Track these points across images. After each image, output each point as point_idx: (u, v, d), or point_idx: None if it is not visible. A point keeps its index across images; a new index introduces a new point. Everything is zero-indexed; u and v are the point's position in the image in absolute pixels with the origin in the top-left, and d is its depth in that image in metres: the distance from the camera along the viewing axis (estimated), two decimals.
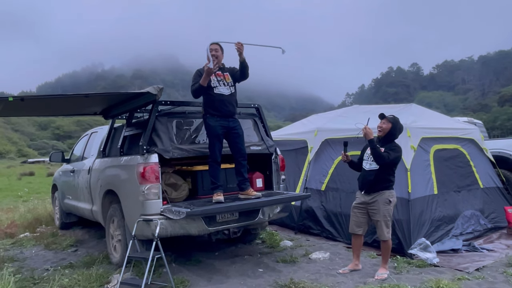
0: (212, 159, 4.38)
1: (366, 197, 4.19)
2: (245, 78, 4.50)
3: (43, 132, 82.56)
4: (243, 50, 4.28)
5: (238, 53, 4.30)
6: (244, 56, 4.33)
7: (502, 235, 5.73)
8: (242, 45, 4.26)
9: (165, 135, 4.37)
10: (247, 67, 4.41)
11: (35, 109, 5.35)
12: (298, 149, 6.71)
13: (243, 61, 4.37)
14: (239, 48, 4.26)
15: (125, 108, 4.94)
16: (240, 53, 4.30)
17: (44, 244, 6.12)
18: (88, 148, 6.25)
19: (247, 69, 4.42)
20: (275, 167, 5.14)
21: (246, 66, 4.41)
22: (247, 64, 4.40)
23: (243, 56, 4.33)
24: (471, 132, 6.45)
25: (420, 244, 4.70)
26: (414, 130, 5.36)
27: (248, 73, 4.47)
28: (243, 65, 4.40)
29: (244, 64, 4.39)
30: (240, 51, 4.28)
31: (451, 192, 5.60)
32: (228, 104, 4.41)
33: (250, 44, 4.35)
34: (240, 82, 4.59)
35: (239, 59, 4.36)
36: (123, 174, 4.54)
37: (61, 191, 7.11)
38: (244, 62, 4.38)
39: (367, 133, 4.05)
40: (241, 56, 4.32)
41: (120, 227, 4.62)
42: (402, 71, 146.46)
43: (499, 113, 67.17)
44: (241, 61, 4.37)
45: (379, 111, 4.45)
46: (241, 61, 4.36)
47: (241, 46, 4.26)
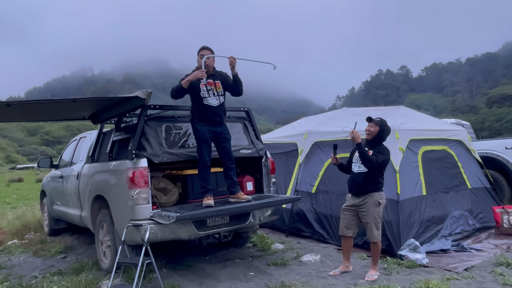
0: (202, 163, 4.37)
1: (356, 199, 4.21)
2: (239, 94, 4.50)
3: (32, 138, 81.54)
4: (235, 64, 4.29)
5: (231, 67, 4.31)
6: (236, 71, 4.35)
7: (491, 235, 5.80)
8: (235, 59, 4.27)
9: (154, 139, 4.35)
10: (240, 82, 4.43)
11: (23, 115, 5.30)
12: (288, 152, 6.73)
13: (236, 75, 4.38)
14: (232, 62, 4.27)
15: (113, 112, 4.91)
16: (232, 67, 4.31)
17: (33, 251, 6.04)
18: (76, 154, 6.20)
19: (240, 84, 4.44)
20: (265, 170, 5.15)
21: (239, 81, 4.42)
22: (240, 79, 4.42)
23: (235, 71, 4.34)
24: (458, 133, 6.54)
25: (409, 245, 4.74)
26: (403, 132, 5.42)
27: (242, 89, 4.47)
28: (236, 80, 4.41)
29: (237, 79, 4.40)
30: (233, 65, 4.29)
31: (439, 193, 5.65)
32: (216, 115, 4.40)
33: (242, 59, 4.39)
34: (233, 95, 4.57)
35: (231, 73, 4.37)
36: (112, 179, 4.50)
37: (49, 197, 7.04)
38: (237, 77, 4.40)
39: (354, 137, 4.09)
40: (233, 70, 4.34)
41: (109, 233, 4.58)
42: (392, 74, 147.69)
43: (487, 114, 68.00)
44: (234, 75, 4.38)
45: (368, 113, 4.49)
46: (234, 75, 4.38)
47: (234, 60, 4.27)
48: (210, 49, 4.40)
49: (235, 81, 4.42)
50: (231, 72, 4.37)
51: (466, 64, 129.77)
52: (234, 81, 4.42)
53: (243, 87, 4.48)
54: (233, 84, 4.45)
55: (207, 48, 4.39)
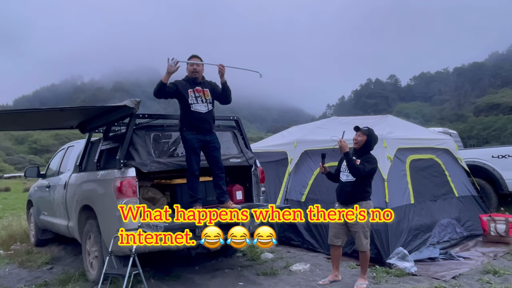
0: (190, 172, 4.35)
1: (344, 208, 4.23)
2: (228, 102, 4.53)
3: (19, 147, 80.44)
4: (224, 72, 4.33)
5: (220, 75, 4.34)
6: (225, 78, 4.38)
7: (478, 243, 5.86)
8: (224, 67, 4.31)
9: (142, 148, 4.33)
10: (229, 90, 4.46)
11: (10, 124, 5.24)
12: (278, 161, 6.74)
13: (225, 83, 4.41)
14: (221, 69, 4.30)
15: (102, 121, 4.88)
16: (221, 75, 4.34)
17: (19, 262, 5.94)
18: (64, 163, 6.13)
19: (229, 92, 4.47)
20: (254, 179, 5.14)
21: (228, 89, 4.45)
22: (228, 87, 4.45)
23: (225, 78, 4.38)
24: (445, 142, 6.63)
25: (398, 254, 4.76)
26: (390, 140, 5.47)
27: (231, 97, 4.51)
28: (225, 88, 4.44)
29: (226, 87, 4.44)
30: (222, 72, 4.32)
31: (427, 201, 5.70)
32: (204, 122, 4.39)
33: (231, 67, 4.42)
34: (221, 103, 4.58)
35: (220, 81, 4.40)
36: (99, 189, 4.46)
37: (36, 207, 6.93)
38: (226, 84, 4.43)
39: (342, 146, 4.12)
40: (222, 78, 4.37)
41: (96, 243, 4.52)
42: (381, 83, 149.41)
43: (474, 123, 69.00)
44: (223, 83, 4.41)
45: (356, 122, 4.54)
46: (223, 82, 4.41)
47: (223, 68, 4.30)
48: (200, 57, 4.44)
49: (224, 89, 4.44)
50: (220, 80, 4.39)
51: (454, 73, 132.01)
52: (223, 89, 4.45)
53: (231, 95, 4.51)
54: (222, 92, 4.48)
55: (196, 56, 4.43)
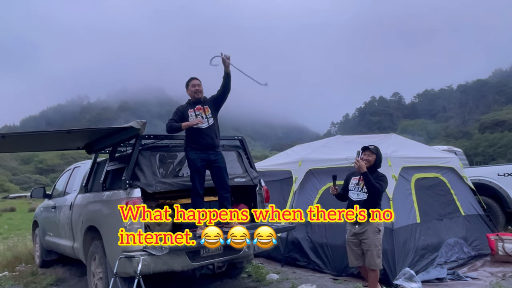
0: (194, 192, 4.38)
1: (356, 227, 4.20)
2: (227, 90, 4.56)
3: (25, 166, 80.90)
4: (229, 64, 4.37)
5: (225, 65, 4.38)
6: (229, 69, 4.42)
7: (486, 263, 5.78)
8: (229, 58, 4.36)
9: (148, 169, 4.36)
10: (229, 78, 4.49)
11: (18, 146, 5.31)
12: (283, 180, 6.75)
13: (229, 73, 4.45)
14: (225, 60, 4.34)
15: (108, 142, 4.94)
16: (227, 66, 4.38)
17: (23, 283, 5.92)
18: (70, 183, 6.17)
19: (229, 80, 4.50)
20: (259, 199, 5.14)
21: (229, 76, 4.48)
22: (230, 76, 4.48)
23: (229, 69, 4.42)
24: (450, 160, 6.61)
25: (404, 274, 4.71)
26: (395, 159, 5.48)
27: (230, 85, 4.54)
28: (227, 76, 4.47)
29: (228, 75, 4.47)
30: (226, 63, 4.36)
31: (433, 221, 5.66)
32: (206, 137, 4.45)
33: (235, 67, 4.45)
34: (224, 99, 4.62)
35: (224, 70, 4.43)
36: (105, 210, 4.48)
37: (42, 227, 6.95)
38: (229, 74, 4.47)
39: (360, 166, 4.07)
40: (227, 68, 4.41)
41: (101, 265, 4.51)
42: (385, 101, 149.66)
43: (480, 140, 68.71)
44: (227, 73, 4.44)
45: (360, 141, 4.56)
46: (227, 72, 4.44)
47: (228, 60, 4.35)
48: (199, 79, 4.58)
49: (226, 76, 4.47)
50: (225, 69, 4.42)
51: (458, 90, 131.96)
52: (225, 77, 4.47)
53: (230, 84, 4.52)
54: (222, 82, 4.51)
55: (195, 78, 4.57)
